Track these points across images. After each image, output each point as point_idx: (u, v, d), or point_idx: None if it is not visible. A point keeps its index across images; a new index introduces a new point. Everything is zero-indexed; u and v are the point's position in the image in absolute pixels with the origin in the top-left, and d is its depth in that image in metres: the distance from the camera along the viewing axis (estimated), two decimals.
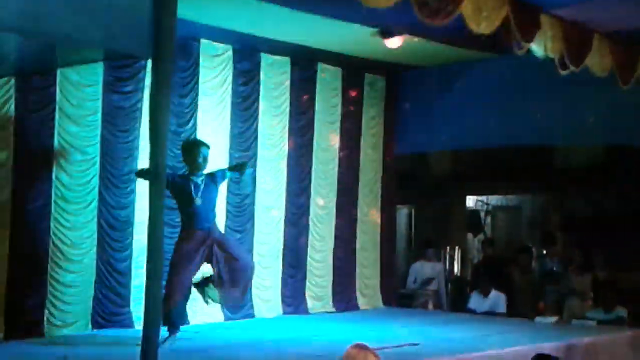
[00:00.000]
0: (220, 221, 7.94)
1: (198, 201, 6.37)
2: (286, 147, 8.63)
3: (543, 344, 6.42)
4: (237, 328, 7.31)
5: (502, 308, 8.77)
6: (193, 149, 6.47)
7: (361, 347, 3.05)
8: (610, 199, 11.01)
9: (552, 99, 8.50)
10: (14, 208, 6.66)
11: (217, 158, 7.98)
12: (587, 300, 8.78)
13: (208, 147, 6.53)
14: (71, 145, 7.00)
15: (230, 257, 6.40)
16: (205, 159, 6.44)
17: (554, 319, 8.41)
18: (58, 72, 6.82)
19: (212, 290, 6.50)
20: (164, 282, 5.77)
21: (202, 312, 7.77)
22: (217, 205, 7.90)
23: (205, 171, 6.50)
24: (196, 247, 6.37)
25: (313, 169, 8.88)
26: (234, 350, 6.23)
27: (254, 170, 8.06)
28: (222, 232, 6.85)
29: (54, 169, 6.89)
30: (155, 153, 4.31)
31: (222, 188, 7.48)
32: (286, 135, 8.61)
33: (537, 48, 6.45)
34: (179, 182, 6.40)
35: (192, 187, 6.38)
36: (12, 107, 6.64)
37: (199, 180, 6.43)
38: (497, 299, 8.81)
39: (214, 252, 6.38)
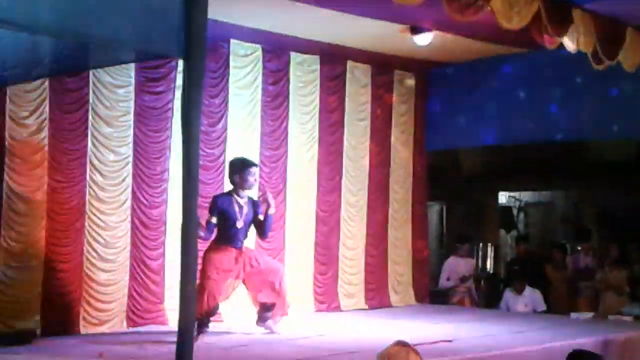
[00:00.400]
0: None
1: (240, 224, 6.59)
2: (316, 145, 8.64)
3: (579, 340, 6.35)
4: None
5: (542, 306, 8.69)
6: (247, 169, 6.64)
7: (403, 345, 3.03)
8: None
9: (584, 94, 8.41)
10: (49, 208, 6.76)
11: (248, 157, 8.03)
12: (623, 295, 8.68)
13: (257, 166, 6.84)
14: (104, 145, 7.09)
15: (260, 277, 6.64)
16: (255, 180, 6.76)
17: (589, 314, 8.32)
18: (90, 74, 6.91)
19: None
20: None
21: (235, 310, 7.83)
22: None
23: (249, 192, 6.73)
24: (229, 260, 6.55)
25: (344, 166, 8.88)
26: (270, 347, 6.25)
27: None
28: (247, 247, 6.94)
29: (88, 169, 6.99)
30: (188, 152, 4.34)
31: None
32: (316, 133, 8.63)
33: (569, 43, 6.38)
34: (225, 202, 6.58)
35: (237, 209, 6.58)
36: (47, 108, 6.74)
37: (243, 202, 6.63)
38: (532, 296, 8.73)
39: (246, 272, 6.62)
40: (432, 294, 9.81)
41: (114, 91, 7.13)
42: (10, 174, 6.57)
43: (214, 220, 6.56)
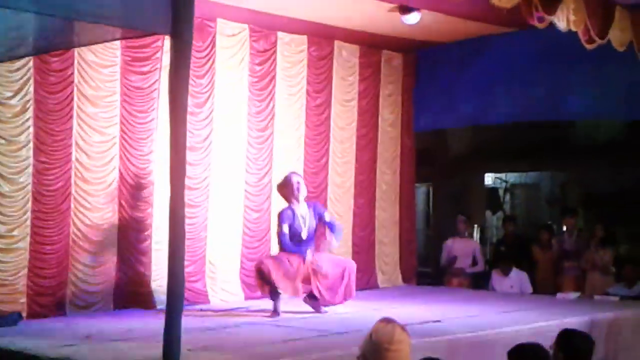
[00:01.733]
0: (239, 200, 7.98)
1: (305, 234, 6.82)
2: (303, 126, 8.60)
3: (565, 320, 6.39)
4: (257, 307, 7.31)
5: (528, 288, 8.73)
6: (287, 182, 6.92)
7: (388, 321, 3.04)
8: (630, 175, 10.91)
9: (571, 74, 8.39)
10: (35, 190, 6.69)
11: (235, 138, 8.01)
12: (609, 275, 8.73)
13: (300, 175, 7.12)
14: (90, 126, 7.01)
15: (328, 280, 6.80)
16: (299, 188, 6.88)
17: (575, 294, 8.37)
18: (75, 53, 6.82)
19: None
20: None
21: (222, 291, 7.83)
22: (236, 185, 8.01)
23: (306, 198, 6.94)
24: (293, 268, 6.71)
25: (331, 147, 8.85)
26: (256, 328, 6.24)
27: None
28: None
29: (74, 150, 6.91)
30: (175, 132, 4.30)
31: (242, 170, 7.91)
32: (303, 113, 8.58)
33: (559, 21, 6.35)
34: (290, 215, 6.81)
35: (301, 220, 6.82)
36: (32, 88, 6.65)
37: (303, 211, 6.86)
38: (519, 278, 8.77)
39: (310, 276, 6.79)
40: (418, 275, 9.83)
41: (100, 71, 7.05)
42: None
43: (286, 229, 6.80)
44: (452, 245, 9.41)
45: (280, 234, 6.82)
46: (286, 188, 6.96)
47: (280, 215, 6.90)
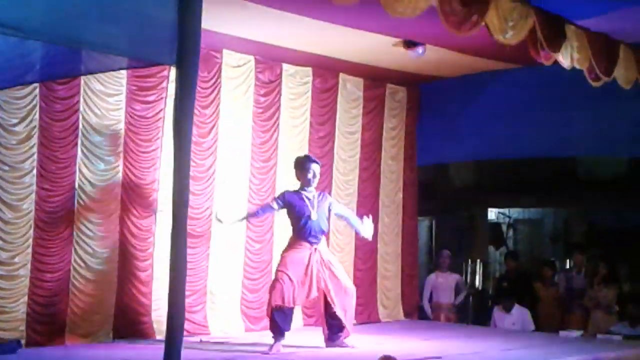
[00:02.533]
0: (241, 231, 7.96)
1: (314, 215, 6.63)
2: None
3: (568, 359, 6.32)
4: (257, 340, 7.25)
5: (530, 326, 8.66)
6: (304, 165, 6.76)
7: (388, 358, 3.01)
8: (634, 212, 10.89)
9: (575, 111, 8.41)
10: (37, 217, 6.68)
11: (238, 168, 8.02)
12: (612, 314, 8.65)
13: (318, 164, 6.85)
14: (94, 154, 7.02)
15: (338, 283, 6.66)
16: (315, 175, 6.73)
17: (578, 333, 8.29)
18: (82, 81, 6.86)
19: None
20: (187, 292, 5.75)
21: (222, 322, 7.77)
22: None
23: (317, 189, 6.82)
24: (303, 259, 6.57)
25: (333, 179, 8.85)
26: None
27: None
28: (327, 250, 6.95)
29: (77, 177, 6.92)
30: (178, 162, 4.30)
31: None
32: (306, 145, 8.59)
33: (563, 59, 6.39)
34: (294, 196, 6.68)
35: (307, 201, 6.64)
36: (37, 116, 6.68)
37: (311, 195, 6.70)
38: (521, 315, 8.69)
39: (321, 276, 6.62)
40: (421, 309, 9.76)
41: (105, 99, 7.08)
42: None
43: (275, 205, 6.71)
44: (435, 279, 9.37)
45: (265, 204, 6.77)
46: (300, 172, 6.78)
47: (282, 194, 6.79)
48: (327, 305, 6.72)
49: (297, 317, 8.31)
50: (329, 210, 6.87)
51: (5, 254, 6.51)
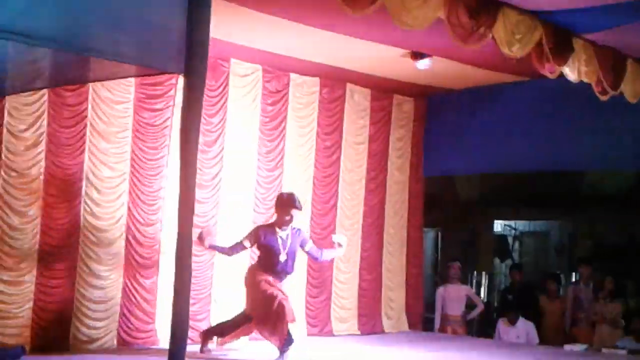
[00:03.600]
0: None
1: (283, 257, 6.65)
2: (312, 167, 8.62)
3: None
4: (260, 348, 7.25)
5: (535, 338, 8.62)
6: (286, 208, 6.68)
7: None
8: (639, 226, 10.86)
9: (583, 124, 8.40)
10: (44, 223, 6.70)
11: (244, 177, 8.03)
12: (618, 328, 8.62)
13: (300, 210, 6.80)
14: (101, 161, 7.05)
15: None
16: (292, 220, 6.68)
17: (583, 346, 8.25)
18: (90, 89, 6.90)
19: None
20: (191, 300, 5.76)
21: None
22: (244, 224, 7.99)
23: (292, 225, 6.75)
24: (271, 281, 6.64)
25: (339, 189, 8.85)
26: None
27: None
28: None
29: (84, 184, 6.94)
30: (184, 170, 4.31)
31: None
32: (313, 155, 8.61)
33: (570, 72, 6.39)
34: (267, 232, 6.66)
35: (280, 242, 6.64)
36: (45, 122, 6.71)
37: (284, 234, 6.68)
38: (526, 328, 8.66)
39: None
40: (425, 321, 9.73)
41: (113, 107, 7.11)
42: (6, 187, 6.53)
43: (247, 244, 6.71)
44: (444, 292, 9.33)
45: (238, 242, 6.69)
46: (280, 210, 6.72)
47: (256, 231, 6.75)
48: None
49: (301, 327, 8.33)
50: (301, 246, 6.84)
51: (11, 259, 6.53)
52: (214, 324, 7.26)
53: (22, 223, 6.60)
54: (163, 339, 6.99)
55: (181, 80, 5.22)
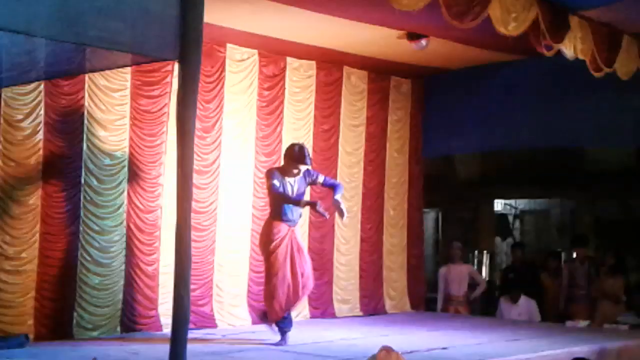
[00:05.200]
0: (246, 224, 7.99)
1: (292, 194, 6.56)
2: (311, 151, 8.59)
3: (575, 349, 6.34)
4: (264, 331, 7.29)
5: (537, 316, 8.67)
6: (296, 162, 6.60)
7: (388, 350, 3.05)
8: None
9: (581, 101, 8.40)
10: (44, 212, 6.72)
11: (243, 162, 8.04)
12: (620, 303, 8.66)
13: (308, 165, 6.70)
14: (100, 149, 7.05)
15: (298, 272, 6.57)
16: (299, 173, 6.60)
17: (585, 323, 8.30)
18: (86, 77, 6.88)
19: None
20: (191, 286, 5.78)
21: (229, 315, 7.81)
22: (243, 208, 8.00)
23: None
24: (286, 249, 6.55)
25: (338, 172, 8.85)
26: (262, 354, 6.22)
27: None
28: (299, 232, 6.92)
29: (83, 173, 6.95)
30: (182, 156, 4.32)
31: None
32: (311, 138, 8.60)
33: (566, 49, 6.38)
34: (278, 176, 6.56)
35: (289, 187, 6.57)
36: (42, 111, 6.71)
37: (292, 180, 6.61)
38: (528, 306, 8.71)
39: (293, 255, 6.56)
40: (427, 301, 9.78)
41: (110, 95, 7.10)
42: (5, 177, 6.54)
43: (277, 184, 6.56)
44: (446, 272, 9.37)
45: (274, 186, 6.50)
46: (291, 160, 6.61)
47: (270, 172, 6.66)
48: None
49: (303, 309, 8.37)
50: (313, 182, 6.79)
51: (12, 249, 6.55)
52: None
53: (22, 212, 6.61)
54: (166, 325, 7.03)
55: (177, 65, 5.22)
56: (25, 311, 6.58)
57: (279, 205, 6.61)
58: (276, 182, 6.52)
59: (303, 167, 6.62)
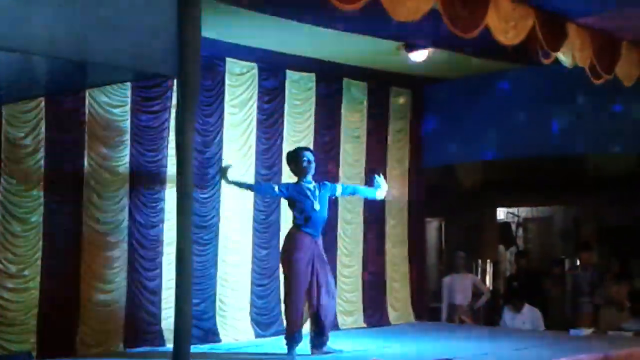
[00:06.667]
0: (246, 238, 7.98)
1: (317, 205, 6.55)
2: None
3: (579, 356, 6.31)
4: (268, 345, 7.28)
5: (541, 325, 8.64)
6: (297, 154, 6.67)
7: None
8: None
9: (581, 108, 8.40)
10: (46, 229, 6.72)
11: (243, 176, 8.03)
12: (624, 310, 8.62)
13: (311, 151, 6.78)
14: (101, 166, 7.06)
15: (326, 283, 6.52)
16: (309, 162, 6.63)
17: (589, 330, 8.26)
18: (87, 94, 6.90)
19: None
20: (194, 300, 5.77)
21: (233, 329, 7.79)
22: (244, 222, 8.00)
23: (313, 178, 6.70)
24: (306, 257, 6.49)
25: (340, 183, 8.83)
26: None
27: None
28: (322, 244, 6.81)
29: (85, 189, 6.95)
30: (182, 169, 4.33)
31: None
32: None
33: (564, 57, 6.39)
34: (295, 188, 6.59)
35: (309, 192, 6.55)
36: (43, 129, 6.72)
37: (311, 186, 6.61)
38: (531, 315, 8.68)
39: (315, 271, 6.50)
40: (431, 311, 9.75)
41: (110, 111, 7.12)
42: (7, 195, 6.55)
43: (276, 189, 6.64)
44: (450, 281, 9.36)
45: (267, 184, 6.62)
46: (295, 164, 6.68)
47: (286, 184, 6.74)
48: (310, 305, 6.57)
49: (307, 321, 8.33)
50: (330, 197, 6.80)
51: (14, 267, 6.55)
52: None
53: (24, 230, 6.62)
54: (169, 340, 7.01)
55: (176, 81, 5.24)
56: (28, 329, 6.57)
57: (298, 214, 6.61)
58: (276, 187, 6.66)
59: (308, 154, 6.68)
